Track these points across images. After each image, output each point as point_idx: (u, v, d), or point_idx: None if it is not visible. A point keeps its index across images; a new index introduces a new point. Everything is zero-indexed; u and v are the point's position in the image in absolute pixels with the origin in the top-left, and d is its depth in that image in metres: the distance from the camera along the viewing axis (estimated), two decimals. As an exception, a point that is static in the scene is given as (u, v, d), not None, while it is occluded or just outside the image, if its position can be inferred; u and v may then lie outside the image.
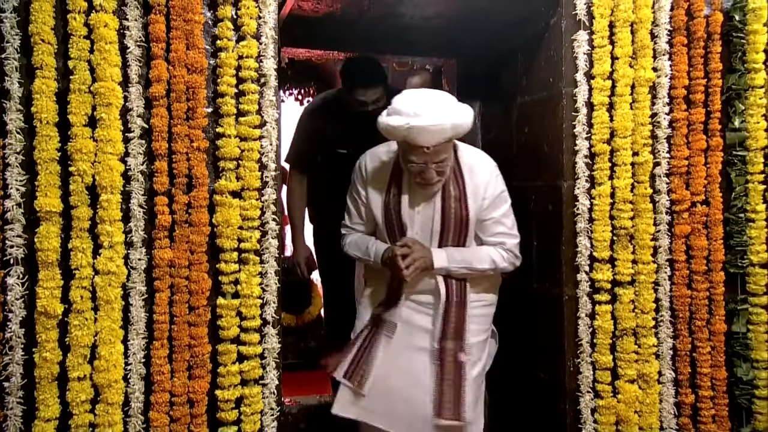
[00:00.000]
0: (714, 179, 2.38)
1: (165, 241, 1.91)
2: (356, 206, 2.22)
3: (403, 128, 1.88)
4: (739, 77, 2.39)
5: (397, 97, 2.00)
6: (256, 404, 1.99)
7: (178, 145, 1.91)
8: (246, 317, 1.98)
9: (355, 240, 2.23)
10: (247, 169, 1.99)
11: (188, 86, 1.92)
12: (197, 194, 1.93)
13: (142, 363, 1.88)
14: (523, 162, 2.71)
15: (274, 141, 2.04)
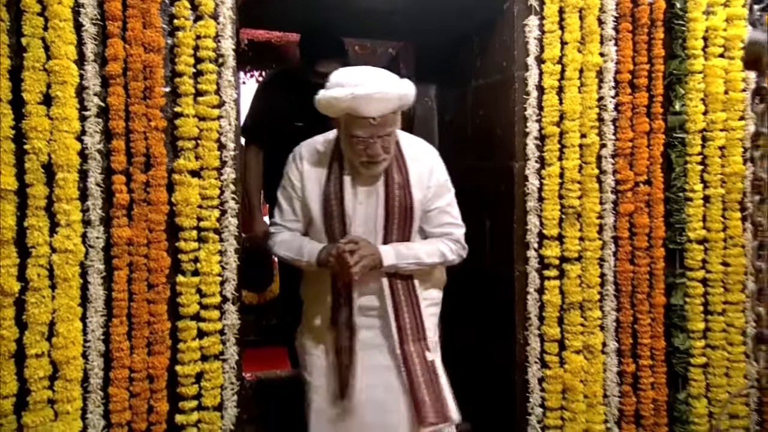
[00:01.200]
0: (656, 160, 2.41)
1: (123, 220, 1.86)
2: (290, 201, 2.00)
3: (347, 98, 1.75)
4: (679, 63, 2.42)
5: (335, 73, 1.88)
6: (216, 379, 1.96)
7: (135, 124, 1.86)
8: (206, 294, 1.95)
9: (286, 239, 1.99)
10: (205, 148, 1.94)
11: (145, 65, 1.86)
12: (155, 173, 1.89)
13: (101, 340, 1.84)
14: (478, 143, 2.72)
15: (233, 121, 2.00)
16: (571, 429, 2.29)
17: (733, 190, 2.43)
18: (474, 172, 2.69)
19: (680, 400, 2.42)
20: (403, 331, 1.92)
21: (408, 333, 1.92)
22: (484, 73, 2.64)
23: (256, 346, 3.87)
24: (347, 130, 1.85)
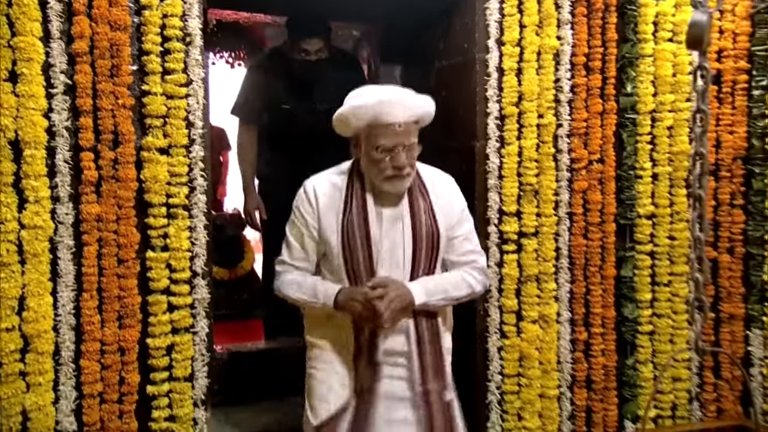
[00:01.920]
0: (608, 140, 2.45)
1: (92, 196, 1.84)
2: (300, 239, 1.82)
3: (371, 105, 1.67)
4: (631, 46, 2.45)
5: (352, 93, 1.78)
6: (186, 351, 1.97)
7: (103, 102, 1.84)
8: (176, 269, 1.95)
9: (296, 280, 1.82)
10: (173, 126, 1.93)
11: (112, 43, 1.83)
12: (124, 150, 1.87)
13: (72, 314, 1.83)
14: (441, 123, 2.71)
15: (201, 100, 1.98)
16: (527, 394, 2.35)
17: (679, 168, 2.49)
18: (438, 151, 2.71)
19: (628, 366, 2.50)
20: (425, 372, 1.79)
21: (429, 373, 1.80)
22: (446, 54, 2.65)
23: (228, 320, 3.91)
24: (371, 142, 1.72)
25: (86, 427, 1.83)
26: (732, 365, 2.58)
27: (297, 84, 3.05)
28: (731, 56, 2.55)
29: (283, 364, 2.82)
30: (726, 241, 2.59)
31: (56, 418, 1.80)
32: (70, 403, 1.82)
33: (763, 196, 2.53)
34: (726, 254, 2.60)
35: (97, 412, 1.85)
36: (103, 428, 1.86)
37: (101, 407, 1.86)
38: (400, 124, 1.70)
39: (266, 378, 2.81)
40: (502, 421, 2.35)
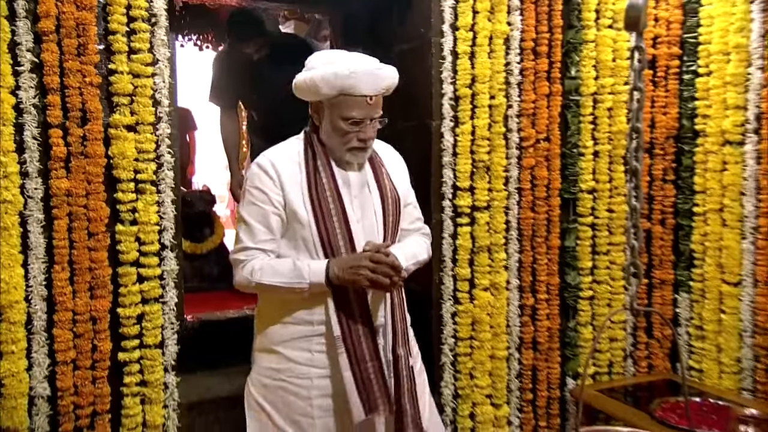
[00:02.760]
0: (554, 120, 2.50)
1: (61, 172, 1.81)
2: (263, 217, 1.64)
3: (344, 74, 1.56)
4: (575, 33, 2.49)
5: (309, 59, 1.68)
6: (156, 320, 1.96)
7: (70, 80, 1.80)
8: (144, 242, 1.93)
9: (269, 264, 1.63)
10: (140, 104, 1.90)
11: (78, 23, 1.79)
12: (92, 127, 1.83)
13: (44, 285, 1.80)
14: (401, 104, 2.73)
15: (167, 79, 1.95)
16: (479, 355, 2.41)
17: (618, 146, 2.56)
18: (395, 130, 2.73)
19: (570, 328, 2.58)
20: (396, 338, 1.68)
21: (399, 340, 1.69)
22: (404, 38, 2.64)
23: (199, 291, 3.90)
24: (339, 112, 1.62)
25: (60, 392, 1.82)
26: (662, 326, 2.69)
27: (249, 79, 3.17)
28: (665, 43, 2.62)
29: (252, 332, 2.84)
30: (658, 213, 2.68)
31: (30, 384, 1.78)
32: (44, 370, 1.80)
33: (691, 172, 2.62)
34: (658, 225, 2.69)
35: (71, 378, 1.83)
36: (76, 393, 1.84)
37: (74, 373, 1.84)
38: (372, 97, 1.62)
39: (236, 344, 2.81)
40: (455, 380, 2.41)
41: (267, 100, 3.24)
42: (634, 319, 2.68)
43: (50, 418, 1.82)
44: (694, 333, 2.64)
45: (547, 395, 2.54)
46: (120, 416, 1.91)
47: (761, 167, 2.36)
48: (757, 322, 2.40)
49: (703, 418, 2.19)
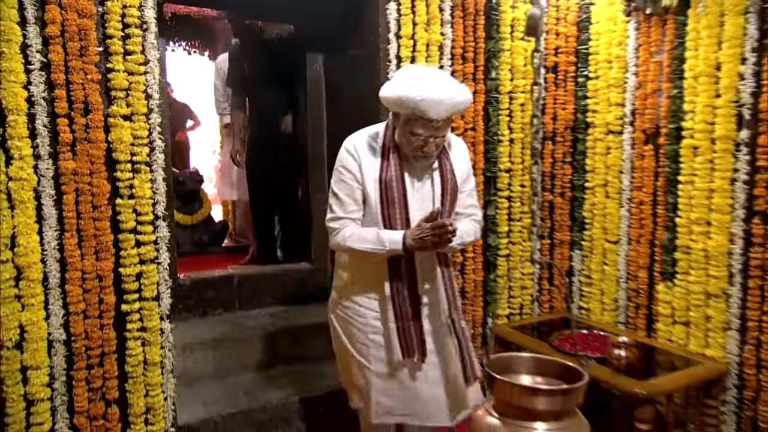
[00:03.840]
0: (479, 113, 2.57)
1: (68, 155, 1.80)
2: (350, 192, 1.67)
3: (415, 100, 1.49)
4: (495, 43, 2.56)
5: (401, 71, 1.62)
6: (152, 278, 1.98)
7: (74, 77, 1.78)
8: (141, 213, 1.94)
9: (357, 233, 1.66)
10: (135, 98, 1.89)
11: (80, 28, 1.77)
12: (93, 117, 1.83)
13: (57, 249, 1.81)
14: (354, 99, 2.79)
15: (157, 76, 1.94)
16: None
17: (528, 134, 2.66)
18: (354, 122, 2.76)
19: (491, 279, 2.69)
20: (451, 303, 1.75)
21: (452, 305, 1.75)
22: (357, 45, 2.67)
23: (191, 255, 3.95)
24: (409, 127, 1.58)
25: (73, 337, 1.84)
26: (560, 275, 2.85)
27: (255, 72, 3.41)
28: (564, 52, 2.71)
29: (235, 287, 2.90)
30: (559, 188, 2.80)
31: (48, 331, 1.80)
32: (59, 319, 1.82)
33: (584, 156, 2.73)
34: (559, 197, 2.81)
35: (82, 325, 1.86)
36: (87, 338, 1.87)
37: (85, 322, 1.86)
38: (439, 121, 1.55)
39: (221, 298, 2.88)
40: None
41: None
42: (539, 271, 2.82)
43: (66, 358, 1.85)
44: (584, 281, 2.79)
45: (473, 332, 2.65)
46: (125, 356, 1.94)
47: (634, 151, 2.51)
48: (629, 271, 2.56)
49: (589, 344, 2.35)
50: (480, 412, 1.35)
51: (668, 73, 2.34)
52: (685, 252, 2.29)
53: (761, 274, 2.05)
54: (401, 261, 1.69)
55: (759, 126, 2.03)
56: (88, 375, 1.88)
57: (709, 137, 2.18)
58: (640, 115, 2.46)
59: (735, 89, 2.08)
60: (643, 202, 2.48)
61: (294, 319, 2.78)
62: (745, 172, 2.08)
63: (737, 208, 2.11)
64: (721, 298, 2.17)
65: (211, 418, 2.22)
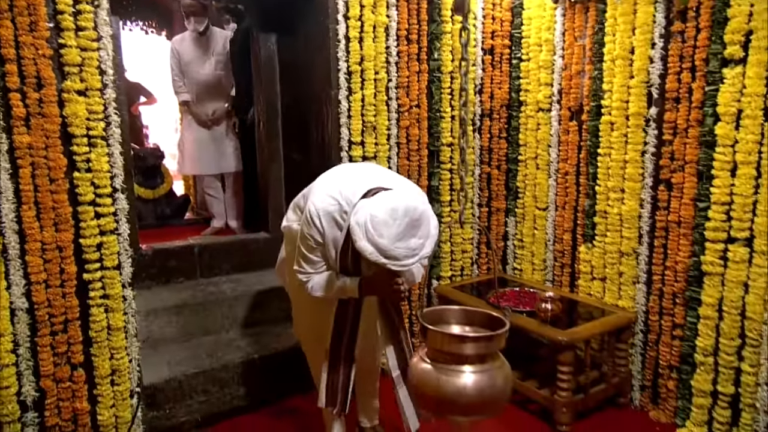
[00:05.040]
0: (422, 91, 2.60)
1: (22, 129, 1.74)
2: (321, 253, 1.68)
3: (377, 262, 1.45)
4: (437, 25, 2.59)
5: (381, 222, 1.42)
6: (113, 248, 1.95)
7: (25, 52, 1.71)
8: (99, 186, 1.90)
9: (322, 281, 1.71)
10: (88, 73, 1.83)
11: (29, 3, 1.69)
12: (46, 92, 1.76)
13: (15, 221, 1.76)
14: (307, 77, 2.77)
15: (110, 52, 1.88)
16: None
17: (469, 111, 2.74)
18: (305, 97, 2.76)
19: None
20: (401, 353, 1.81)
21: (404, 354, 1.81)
22: (309, 25, 2.64)
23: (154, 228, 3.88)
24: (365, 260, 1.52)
25: (36, 305, 1.81)
26: (496, 240, 2.97)
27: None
28: (499, 36, 2.78)
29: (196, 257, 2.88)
30: (495, 160, 2.89)
31: (10, 300, 1.76)
32: (21, 288, 1.78)
33: (517, 131, 2.82)
34: (495, 169, 2.90)
35: (44, 294, 1.82)
36: (50, 305, 1.84)
37: (47, 291, 1.83)
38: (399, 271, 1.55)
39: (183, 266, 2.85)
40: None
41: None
42: (478, 237, 2.94)
43: (30, 326, 1.82)
44: (517, 244, 2.92)
45: (419, 292, 2.73)
46: (89, 322, 1.92)
47: (561, 127, 2.62)
48: (556, 234, 2.70)
49: (520, 300, 2.50)
50: (414, 360, 1.42)
51: (590, 56, 2.44)
52: (603, 216, 2.44)
53: (665, 234, 2.22)
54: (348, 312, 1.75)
55: (665, 104, 2.17)
56: (52, 341, 1.86)
57: (624, 114, 2.30)
58: (566, 94, 2.57)
59: (646, 71, 2.20)
60: (568, 172, 2.61)
61: (252, 285, 2.80)
62: (653, 145, 2.23)
63: (646, 177, 2.26)
64: (632, 256, 2.34)
65: (175, 377, 2.24)
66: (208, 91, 3.53)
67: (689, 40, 2.06)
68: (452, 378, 1.31)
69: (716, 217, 2.00)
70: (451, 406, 1.32)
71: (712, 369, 2.07)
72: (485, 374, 1.32)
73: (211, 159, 3.56)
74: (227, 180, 3.70)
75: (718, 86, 1.96)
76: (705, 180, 2.05)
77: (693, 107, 2.06)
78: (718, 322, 2.04)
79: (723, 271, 2.01)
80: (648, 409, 2.33)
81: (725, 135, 1.95)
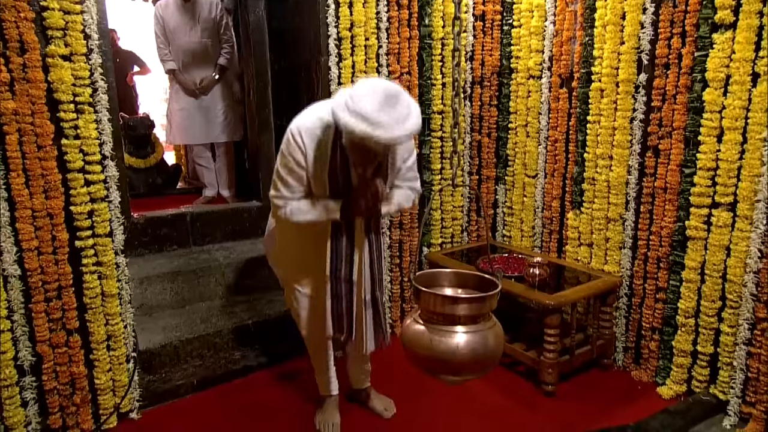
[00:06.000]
0: (413, 58, 2.56)
1: (7, 95, 1.70)
2: (297, 178, 1.62)
3: (364, 135, 1.36)
4: None
5: (361, 94, 1.39)
6: (104, 215, 1.94)
7: (6, 15, 1.66)
8: (88, 153, 1.87)
9: (300, 207, 1.65)
10: (73, 38, 1.78)
11: None
12: (30, 56, 1.72)
13: (4, 188, 1.74)
14: (296, 43, 2.73)
15: (95, 16, 1.83)
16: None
17: (459, 79, 2.70)
18: (295, 64, 2.72)
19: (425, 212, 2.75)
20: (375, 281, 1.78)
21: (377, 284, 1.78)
22: (298, -11, 2.60)
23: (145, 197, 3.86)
24: (349, 145, 1.52)
25: (29, 272, 1.81)
26: (487, 208, 2.99)
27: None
28: (491, 2, 2.72)
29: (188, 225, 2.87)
30: (486, 128, 2.88)
31: (2, 267, 1.76)
32: (12, 255, 1.77)
33: (508, 99, 2.80)
34: (486, 137, 2.89)
35: (36, 261, 1.81)
36: (43, 272, 1.83)
37: (39, 258, 1.82)
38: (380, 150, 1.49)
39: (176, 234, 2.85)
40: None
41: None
42: (468, 204, 2.95)
43: (23, 293, 1.81)
44: (506, 211, 2.93)
45: (409, 259, 2.75)
46: (82, 289, 1.93)
47: (551, 94, 2.61)
48: (545, 202, 2.72)
49: (509, 265, 2.52)
50: (408, 321, 1.45)
51: (581, 22, 2.41)
52: (591, 183, 2.46)
53: (651, 200, 2.24)
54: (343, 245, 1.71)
55: (655, 70, 2.16)
56: (47, 307, 1.86)
57: (613, 81, 2.29)
58: (557, 61, 2.55)
59: (636, 36, 2.18)
60: (558, 140, 2.60)
61: (244, 253, 2.81)
62: (641, 112, 2.22)
63: (634, 144, 2.26)
64: (619, 222, 2.37)
65: (170, 342, 2.26)
66: (194, 59, 3.45)
67: (680, 5, 2.03)
68: (445, 338, 1.33)
69: (701, 183, 2.02)
70: (444, 365, 1.34)
71: (692, 330, 2.13)
72: (477, 335, 1.34)
73: (199, 128, 3.51)
74: (218, 150, 3.66)
75: (708, 51, 1.95)
76: (692, 146, 2.06)
77: (682, 73, 2.06)
78: (700, 285, 2.09)
79: (706, 235, 2.04)
80: (630, 369, 2.40)
81: (713, 101, 1.95)
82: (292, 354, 2.49)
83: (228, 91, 3.56)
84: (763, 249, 1.87)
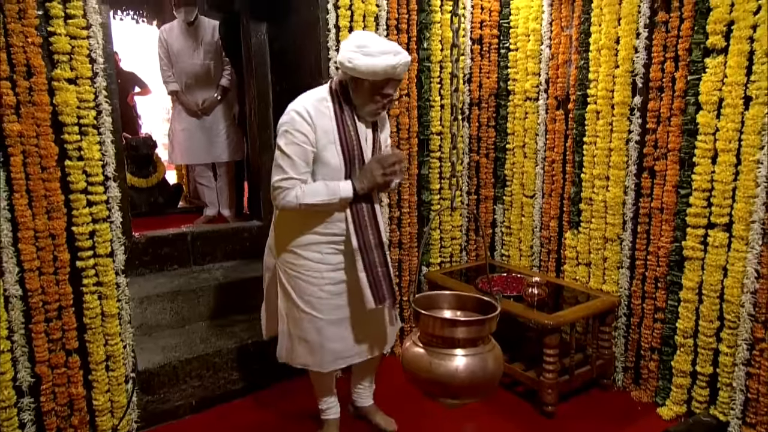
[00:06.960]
0: (412, 80, 2.59)
1: (13, 117, 1.72)
2: (303, 154, 1.63)
3: (391, 66, 1.55)
4: (426, 15, 2.57)
5: (358, 41, 1.59)
6: (106, 236, 1.94)
7: (14, 40, 1.68)
8: (91, 174, 1.88)
9: (309, 189, 1.65)
10: (78, 62, 1.81)
11: None
12: (36, 80, 1.74)
13: (7, 209, 1.74)
14: (296, 65, 2.76)
15: (101, 41, 1.86)
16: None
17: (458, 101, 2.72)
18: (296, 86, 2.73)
19: (424, 232, 2.74)
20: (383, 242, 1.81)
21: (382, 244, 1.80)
22: (300, 14, 2.62)
23: (147, 216, 3.86)
24: (378, 89, 1.63)
25: (30, 293, 1.80)
26: (485, 227, 2.99)
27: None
28: (488, 26, 2.77)
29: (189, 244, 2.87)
30: (484, 149, 2.90)
31: (3, 287, 1.75)
32: (14, 276, 1.77)
33: (505, 120, 2.83)
34: (484, 157, 2.91)
35: (38, 281, 1.81)
36: (44, 293, 1.83)
37: (40, 278, 1.82)
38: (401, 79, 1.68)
39: (177, 254, 2.85)
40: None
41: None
42: (467, 224, 2.96)
43: (24, 313, 1.81)
44: (505, 231, 2.94)
45: (409, 279, 2.75)
46: (82, 309, 1.92)
47: (548, 116, 2.63)
48: (543, 221, 2.73)
49: (508, 285, 2.52)
50: (408, 343, 1.44)
51: (576, 46, 2.45)
52: (588, 203, 2.47)
53: (648, 220, 2.25)
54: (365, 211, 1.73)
55: (649, 93, 2.19)
56: (47, 327, 1.85)
57: (609, 103, 2.32)
58: (553, 84, 2.58)
59: (631, 60, 2.21)
60: (555, 160, 2.62)
61: (245, 272, 2.80)
62: (637, 133, 2.25)
63: (630, 165, 2.28)
64: (616, 242, 2.37)
65: (169, 363, 2.24)
66: (197, 81, 3.50)
67: (673, 30, 2.07)
68: (444, 362, 1.33)
69: (697, 204, 2.03)
70: (443, 389, 1.34)
71: (691, 350, 2.11)
72: (477, 357, 1.34)
73: (201, 148, 3.54)
74: (219, 169, 3.68)
75: (701, 75, 1.98)
76: (687, 167, 2.08)
77: (676, 96, 2.09)
78: (698, 305, 2.08)
79: (703, 255, 2.05)
80: (630, 390, 2.38)
81: (707, 123, 1.97)
82: (292, 374, 2.47)
83: (229, 112, 3.60)
84: (759, 269, 1.87)
